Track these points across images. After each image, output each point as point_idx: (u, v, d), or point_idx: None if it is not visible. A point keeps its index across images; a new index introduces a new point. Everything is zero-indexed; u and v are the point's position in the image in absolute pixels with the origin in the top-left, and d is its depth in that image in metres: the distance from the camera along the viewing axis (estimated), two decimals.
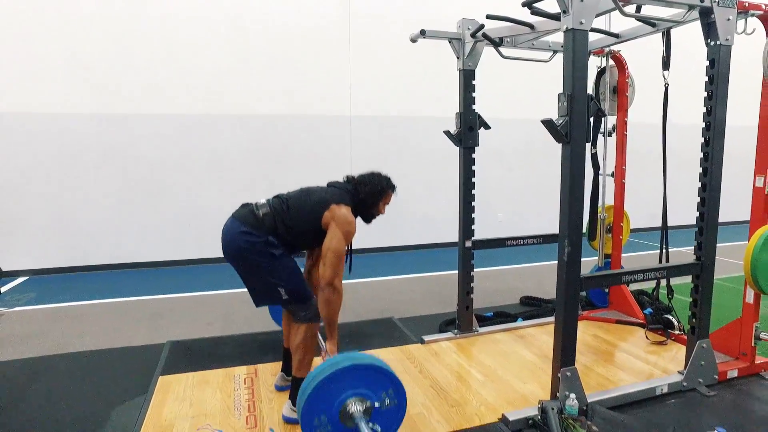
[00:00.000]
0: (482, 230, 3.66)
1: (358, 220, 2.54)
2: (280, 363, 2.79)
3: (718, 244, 2.64)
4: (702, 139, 2.59)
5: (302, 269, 2.59)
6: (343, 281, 2.37)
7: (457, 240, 3.46)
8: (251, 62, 6.03)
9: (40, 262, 5.58)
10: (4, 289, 4.82)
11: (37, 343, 3.54)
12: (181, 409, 2.52)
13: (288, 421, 2.38)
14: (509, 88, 6.68)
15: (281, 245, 2.36)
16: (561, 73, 2.19)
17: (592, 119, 3.49)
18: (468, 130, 3.30)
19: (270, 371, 2.94)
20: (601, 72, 3.71)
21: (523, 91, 6.77)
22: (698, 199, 2.63)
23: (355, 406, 1.87)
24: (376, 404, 1.90)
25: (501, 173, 7.15)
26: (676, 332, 3.33)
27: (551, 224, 2.41)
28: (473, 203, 3.40)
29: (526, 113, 6.53)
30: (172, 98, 5.80)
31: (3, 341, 3.58)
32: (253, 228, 2.30)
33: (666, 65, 2.95)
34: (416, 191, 6.86)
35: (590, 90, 3.64)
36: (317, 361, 2.20)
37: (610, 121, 3.76)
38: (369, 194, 2.51)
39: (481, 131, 3.36)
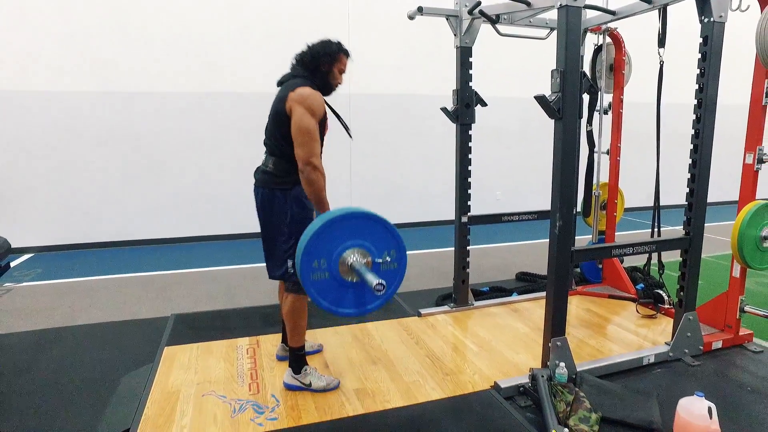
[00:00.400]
0: (481, 208, 3.71)
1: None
2: (281, 334, 2.88)
3: (711, 223, 2.70)
4: (693, 116, 2.64)
5: None
6: None
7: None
8: (251, 40, 6.01)
9: (45, 239, 5.67)
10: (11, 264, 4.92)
11: (46, 315, 3.65)
12: (186, 377, 2.63)
13: (289, 387, 2.48)
14: (508, 67, 6.68)
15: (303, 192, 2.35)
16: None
17: (588, 97, 3.55)
18: (464, 107, 3.33)
19: (271, 342, 3.04)
20: (598, 50, 3.72)
21: (522, 70, 6.74)
22: (688, 176, 2.69)
23: (355, 257, 1.86)
24: (377, 260, 1.88)
25: (499, 152, 7.18)
26: (666, 306, 3.42)
27: (549, 202, 2.47)
28: (469, 179, 3.44)
29: (524, 92, 6.51)
30: (173, 76, 5.81)
31: (13, 314, 3.69)
32: (274, 185, 2.35)
33: (661, 42, 2.97)
34: (415, 169, 6.92)
35: (587, 67, 3.68)
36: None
37: (606, 99, 3.79)
38: (317, 57, 2.40)
39: (480, 110, 3.40)
